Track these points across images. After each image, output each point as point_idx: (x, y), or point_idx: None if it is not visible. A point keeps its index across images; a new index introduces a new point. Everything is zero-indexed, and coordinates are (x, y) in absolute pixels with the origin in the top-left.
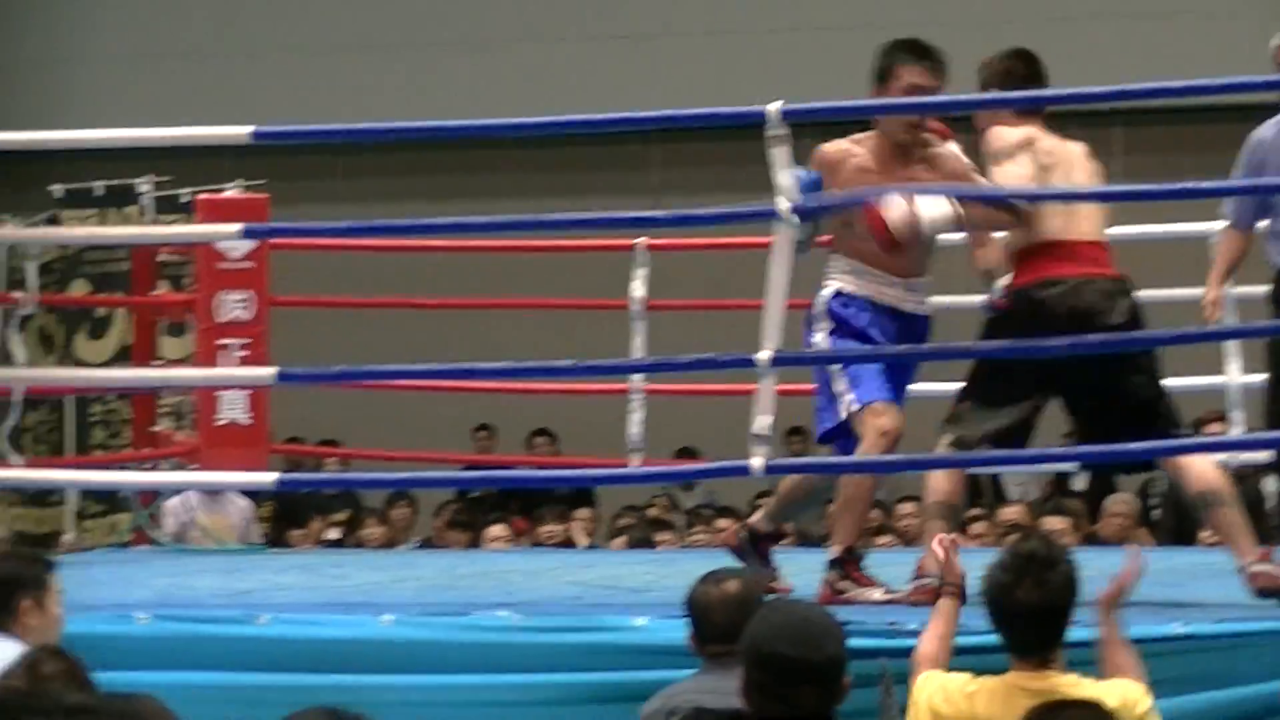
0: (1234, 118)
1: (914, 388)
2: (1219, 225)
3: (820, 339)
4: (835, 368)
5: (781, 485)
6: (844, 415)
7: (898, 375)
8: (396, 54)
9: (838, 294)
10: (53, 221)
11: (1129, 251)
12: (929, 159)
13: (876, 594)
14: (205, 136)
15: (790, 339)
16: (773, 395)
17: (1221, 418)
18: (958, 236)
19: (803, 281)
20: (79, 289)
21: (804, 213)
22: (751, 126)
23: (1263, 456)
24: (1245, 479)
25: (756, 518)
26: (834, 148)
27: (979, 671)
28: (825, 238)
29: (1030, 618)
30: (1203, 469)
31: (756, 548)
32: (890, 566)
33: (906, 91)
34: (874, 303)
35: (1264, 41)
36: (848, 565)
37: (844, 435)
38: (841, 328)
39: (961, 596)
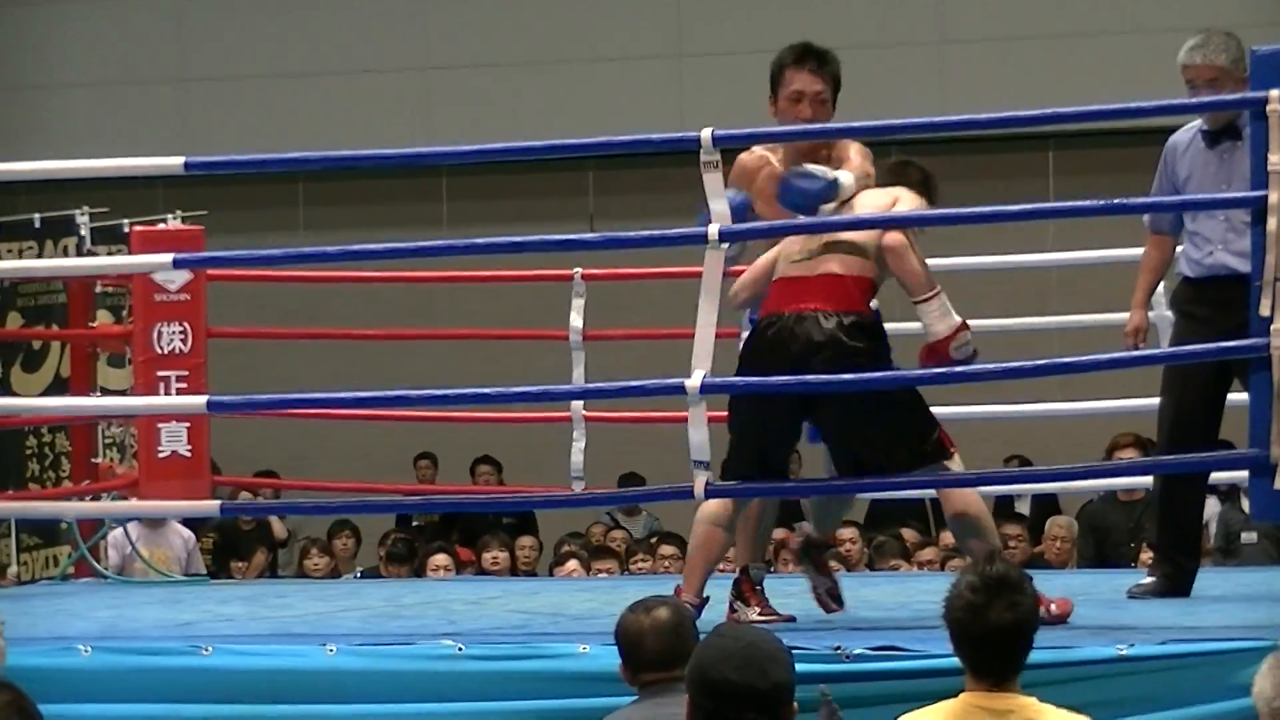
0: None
1: None
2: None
3: None
4: None
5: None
6: None
7: None
8: (404, 77)
9: None
10: None
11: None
12: (833, 157)
13: (753, 614)
14: (137, 167)
15: (721, 364)
16: (705, 421)
17: (1134, 442)
18: None
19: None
20: (13, 322)
21: (732, 237)
22: (685, 152)
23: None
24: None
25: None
26: (752, 156)
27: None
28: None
29: (1001, 639)
30: (963, 494)
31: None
32: None
33: (791, 97)
34: None
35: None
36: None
37: None
38: None
39: None
